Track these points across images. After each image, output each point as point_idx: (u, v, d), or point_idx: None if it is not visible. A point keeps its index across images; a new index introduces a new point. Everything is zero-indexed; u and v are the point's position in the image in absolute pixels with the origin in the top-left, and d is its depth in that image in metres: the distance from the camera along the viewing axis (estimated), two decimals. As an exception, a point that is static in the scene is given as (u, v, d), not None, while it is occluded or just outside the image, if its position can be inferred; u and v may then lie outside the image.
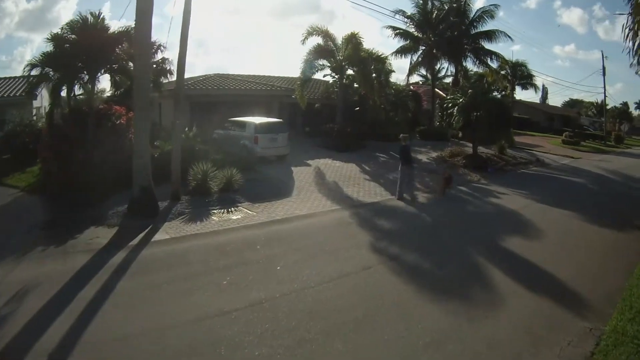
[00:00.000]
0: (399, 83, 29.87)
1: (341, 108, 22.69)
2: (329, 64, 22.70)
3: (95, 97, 16.07)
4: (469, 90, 20.05)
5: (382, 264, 7.77)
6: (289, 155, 17.31)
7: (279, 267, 7.44)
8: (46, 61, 13.58)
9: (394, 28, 28.22)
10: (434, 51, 28.57)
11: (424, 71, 35.00)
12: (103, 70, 14.66)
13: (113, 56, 14.19)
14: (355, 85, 24.44)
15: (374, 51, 23.03)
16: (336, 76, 23.30)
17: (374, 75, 23.07)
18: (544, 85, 69.68)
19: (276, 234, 9.35)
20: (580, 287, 7.04)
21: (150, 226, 9.46)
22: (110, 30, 14.12)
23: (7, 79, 20.99)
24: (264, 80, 26.34)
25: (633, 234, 10.54)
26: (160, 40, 18.99)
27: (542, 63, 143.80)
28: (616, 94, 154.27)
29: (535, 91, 46.18)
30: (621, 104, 66.48)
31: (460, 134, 22.03)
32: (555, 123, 49.19)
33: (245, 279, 6.94)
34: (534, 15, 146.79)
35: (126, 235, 8.87)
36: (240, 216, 10.53)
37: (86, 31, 13.55)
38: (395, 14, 28.29)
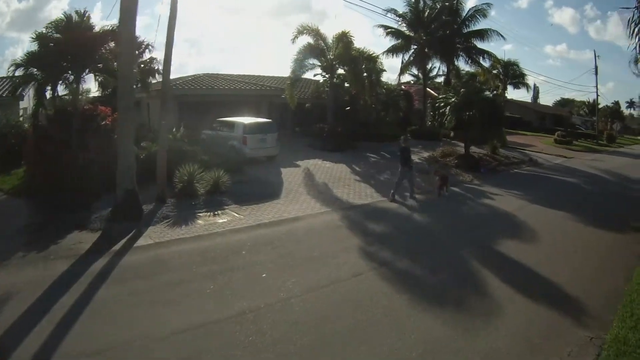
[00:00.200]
0: (390, 82, 29.80)
1: (332, 108, 22.45)
2: (320, 63, 22.44)
3: (81, 98, 15.71)
4: (462, 90, 19.82)
5: (373, 270, 7.45)
6: (279, 156, 17.05)
7: (265, 275, 7.11)
8: (30, 61, 13.24)
9: (386, 27, 28.14)
10: (426, 50, 28.41)
11: (415, 70, 34.95)
12: (88, 70, 14.34)
13: (98, 55, 13.88)
14: (346, 84, 24.14)
15: (365, 50, 22.96)
16: (327, 75, 22.99)
17: (365, 74, 22.83)
18: (535, 84, 69.88)
19: (263, 239, 9.02)
20: (578, 292, 6.81)
21: (134, 230, 9.18)
22: (96, 29, 13.88)
23: (-5, 79, 20.51)
24: (254, 80, 26.05)
25: (629, 235, 10.32)
26: (149, 39, 18.73)
27: (534, 62, 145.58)
28: (607, 93, 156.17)
29: (527, 90, 46.26)
30: (612, 103, 67.17)
31: (452, 134, 21.86)
32: (546, 122, 49.53)
33: (229, 287, 6.63)
34: (526, 15, 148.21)
35: (109, 240, 8.62)
36: (226, 219, 10.21)
37: (71, 30, 13.30)
38: (387, 12, 28.16)
